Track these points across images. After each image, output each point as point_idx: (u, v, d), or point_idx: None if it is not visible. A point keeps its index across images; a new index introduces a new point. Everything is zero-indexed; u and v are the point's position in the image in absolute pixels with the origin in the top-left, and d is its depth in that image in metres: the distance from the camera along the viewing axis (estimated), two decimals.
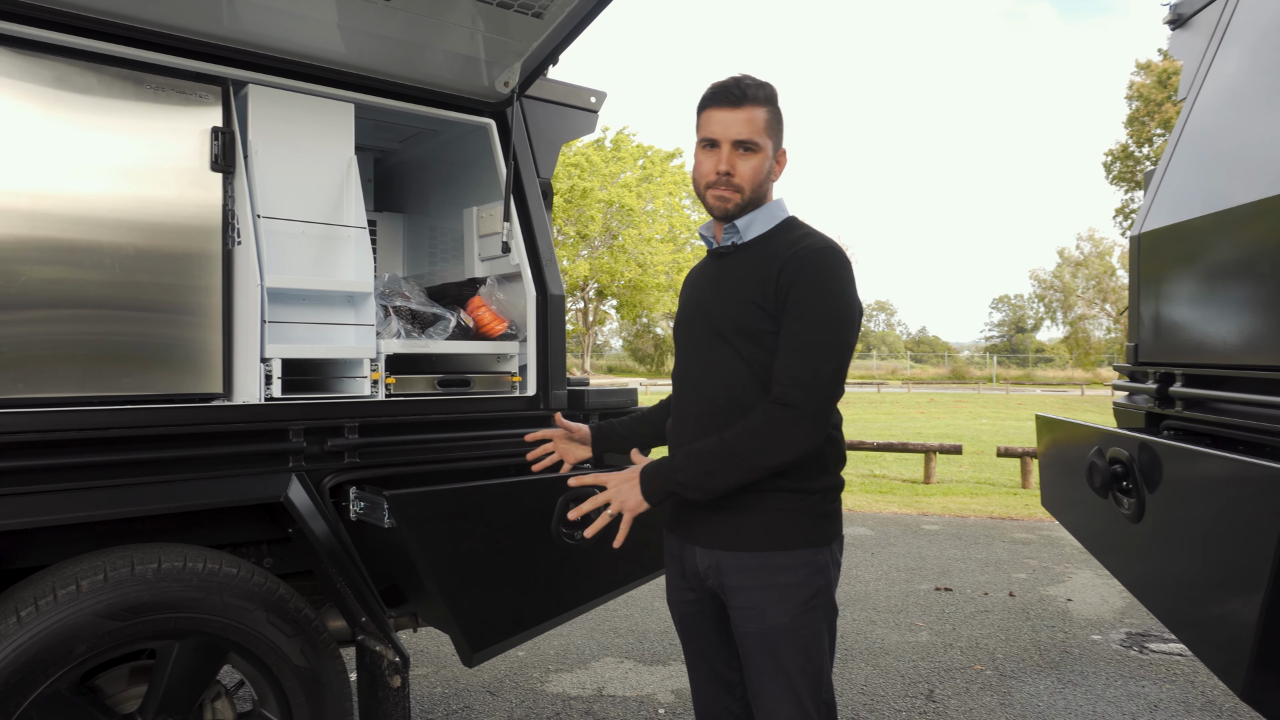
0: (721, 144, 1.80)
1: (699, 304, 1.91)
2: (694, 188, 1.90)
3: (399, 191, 3.85)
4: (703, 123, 1.84)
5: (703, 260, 2.03)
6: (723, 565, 1.81)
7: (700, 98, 1.86)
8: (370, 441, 2.41)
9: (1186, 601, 1.83)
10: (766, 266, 1.77)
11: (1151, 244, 2.41)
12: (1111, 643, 4.37)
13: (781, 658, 1.74)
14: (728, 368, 1.80)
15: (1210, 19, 2.48)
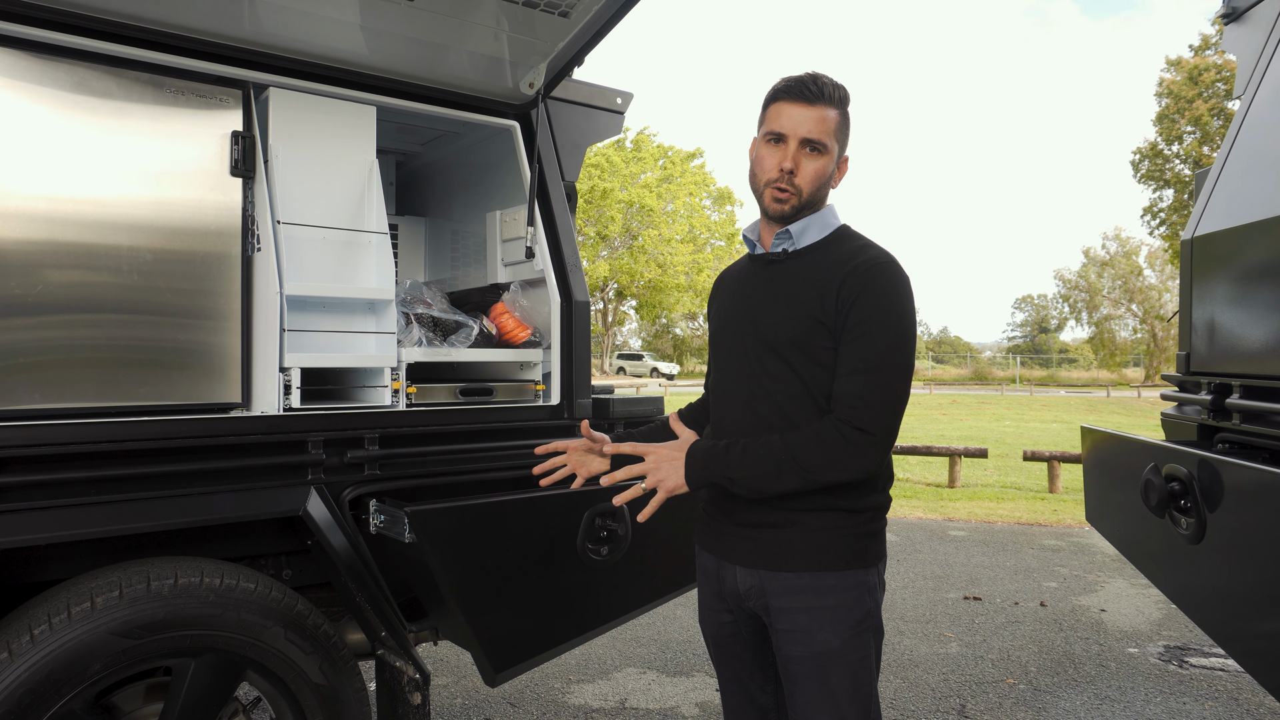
0: (789, 140, 1.71)
1: (745, 313, 1.80)
2: (751, 183, 1.80)
3: (421, 195, 3.80)
4: (770, 116, 1.74)
5: (741, 263, 1.92)
6: (768, 586, 1.72)
7: (770, 90, 1.77)
8: (391, 453, 2.35)
9: (1254, 629, 1.73)
10: (825, 279, 1.70)
11: (1206, 248, 2.30)
12: (1149, 656, 4.24)
13: (830, 682, 1.66)
14: (779, 382, 1.71)
15: (1268, 13, 2.36)
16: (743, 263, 1.93)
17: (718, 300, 1.96)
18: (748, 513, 1.74)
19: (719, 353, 1.88)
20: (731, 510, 1.78)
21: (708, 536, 1.87)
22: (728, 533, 1.79)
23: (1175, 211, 33.27)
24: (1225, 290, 2.22)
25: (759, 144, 1.77)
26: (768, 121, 1.75)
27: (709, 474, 1.66)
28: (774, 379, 1.71)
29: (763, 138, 1.75)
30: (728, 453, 1.65)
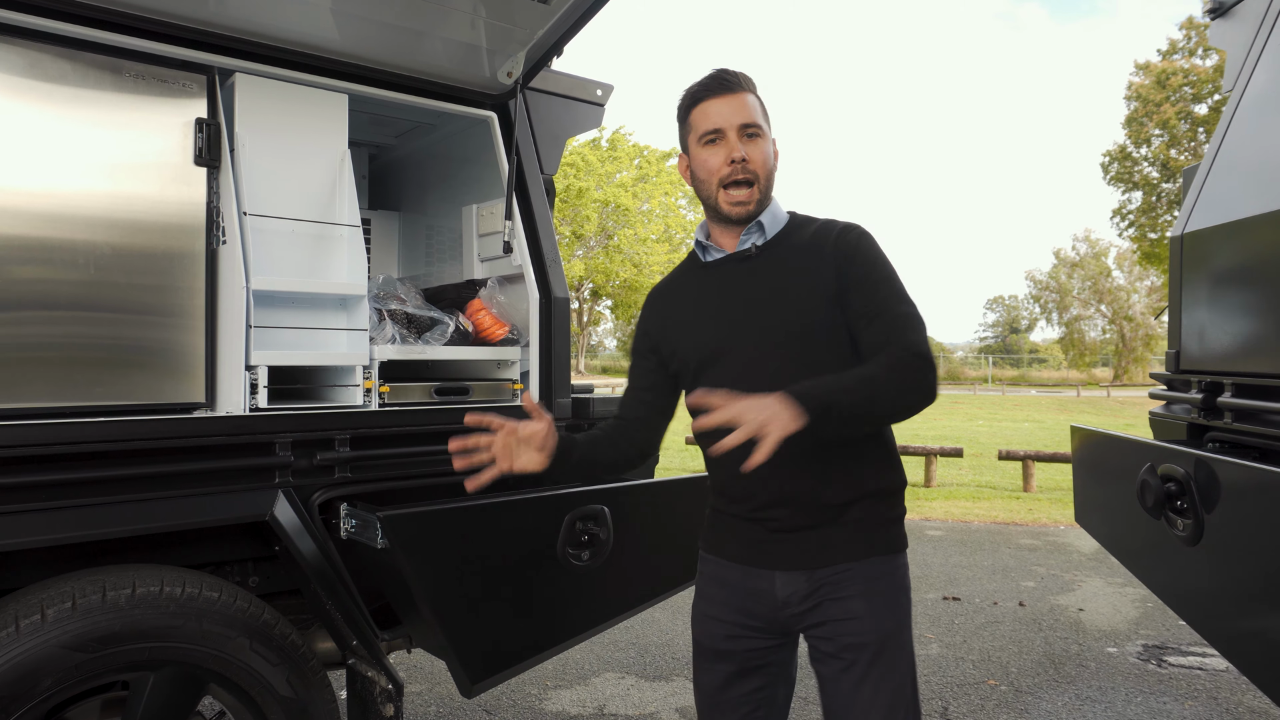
0: (727, 132, 1.67)
1: (738, 315, 1.70)
2: (700, 192, 1.73)
3: (395, 189, 3.70)
4: (698, 119, 1.71)
5: (684, 275, 1.83)
6: (822, 580, 1.67)
7: (684, 98, 1.74)
8: (362, 454, 2.26)
9: (1252, 632, 1.69)
10: (812, 258, 1.69)
11: (1196, 245, 2.27)
12: (1128, 655, 4.24)
13: (892, 663, 1.65)
14: (811, 369, 1.59)
15: (1257, 8, 2.34)
16: (687, 274, 1.83)
17: (674, 315, 1.81)
18: (786, 518, 1.67)
19: (701, 371, 1.74)
20: (767, 519, 1.69)
21: (737, 548, 1.75)
22: (765, 540, 1.70)
23: (1144, 213, 33.76)
24: (1216, 288, 2.19)
25: (695, 152, 1.72)
26: (696, 126, 1.71)
27: (818, 401, 1.46)
28: (804, 367, 1.61)
29: (697, 143, 1.71)
30: (823, 382, 1.52)
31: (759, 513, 1.70)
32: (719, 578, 1.78)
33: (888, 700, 1.64)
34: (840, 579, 1.67)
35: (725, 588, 1.76)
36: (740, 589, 1.74)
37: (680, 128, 1.78)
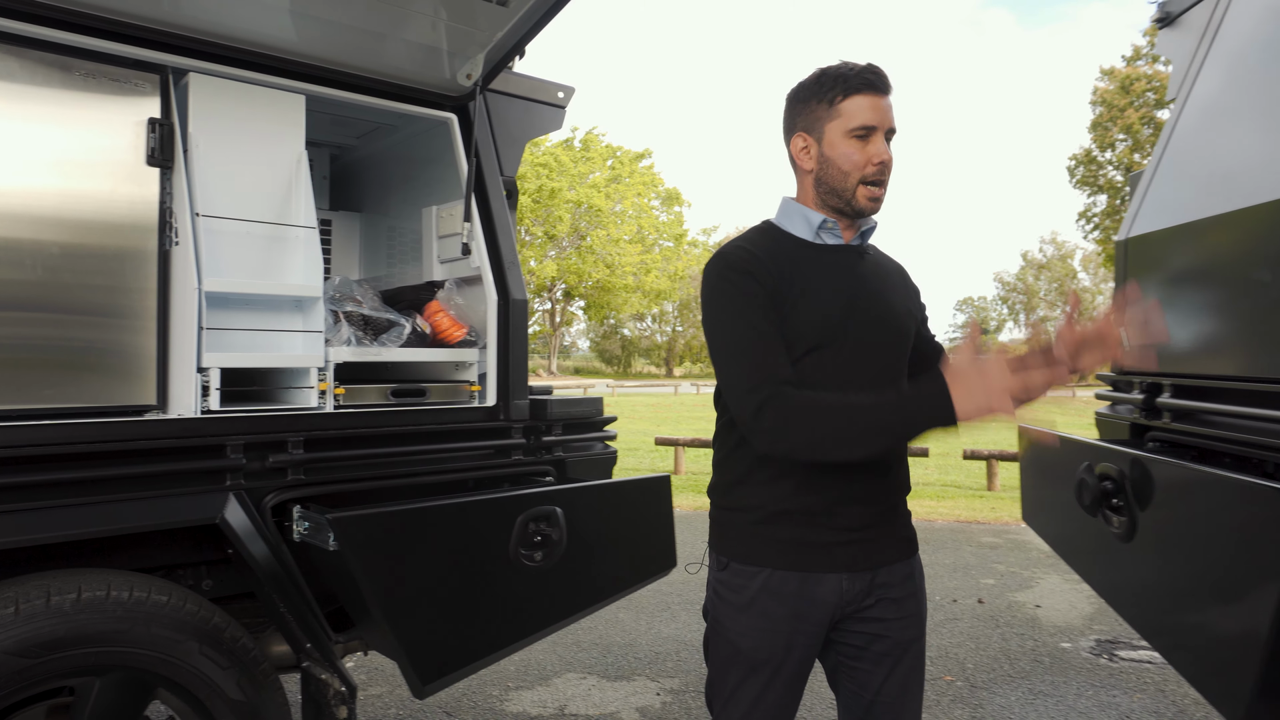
0: (879, 131, 1.65)
1: (869, 303, 1.71)
2: (833, 180, 1.68)
3: (356, 190, 3.68)
4: (852, 110, 1.65)
5: (790, 246, 1.72)
6: (880, 582, 1.69)
7: (835, 83, 1.67)
8: (317, 457, 2.26)
9: (1181, 626, 1.75)
10: (904, 281, 1.88)
11: (1139, 249, 2.33)
12: (1081, 650, 4.32)
13: (923, 657, 1.77)
14: (902, 374, 1.76)
15: (1200, 18, 2.41)
16: (795, 248, 1.72)
17: (795, 282, 1.67)
18: (857, 516, 1.66)
19: (843, 344, 1.67)
20: (837, 516, 1.66)
21: (795, 555, 1.67)
22: (832, 543, 1.66)
23: (1109, 216, 34.36)
24: (1157, 291, 2.25)
25: (838, 140, 1.67)
26: (850, 116, 1.65)
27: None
28: (901, 375, 1.74)
29: (845, 134, 1.66)
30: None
31: (832, 509, 1.65)
32: (770, 589, 1.67)
33: (919, 695, 1.77)
34: (893, 578, 1.71)
35: (777, 597, 1.67)
36: (797, 597, 1.67)
37: (819, 110, 1.69)
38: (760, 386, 1.56)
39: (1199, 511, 1.66)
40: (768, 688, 1.68)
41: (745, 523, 1.71)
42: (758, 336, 1.60)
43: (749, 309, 1.62)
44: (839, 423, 1.50)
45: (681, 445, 11.14)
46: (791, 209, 1.75)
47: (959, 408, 1.43)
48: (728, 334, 1.63)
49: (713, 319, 1.67)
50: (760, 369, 1.58)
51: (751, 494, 1.70)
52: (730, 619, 1.71)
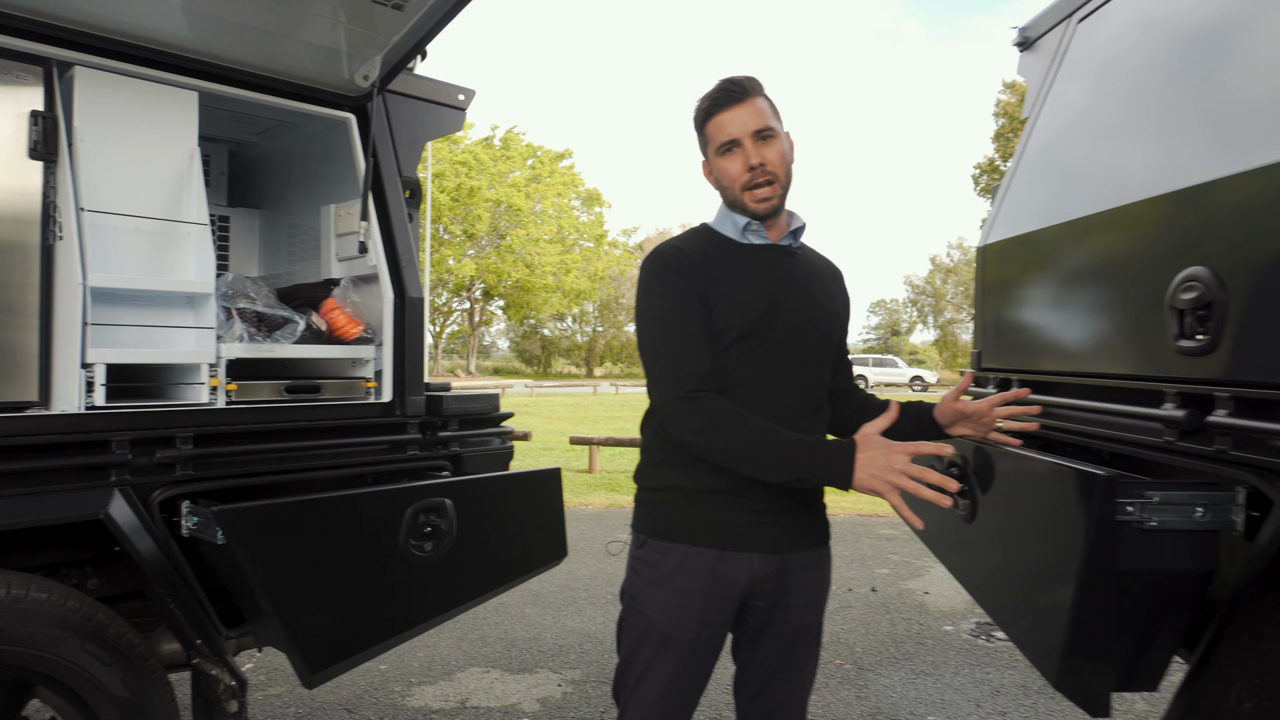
0: (743, 140, 1.77)
1: (796, 302, 1.82)
2: (726, 197, 1.84)
3: (256, 186, 3.66)
4: (714, 131, 1.80)
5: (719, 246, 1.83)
6: (790, 565, 1.81)
7: (698, 111, 1.83)
8: (207, 452, 2.27)
9: (1008, 597, 1.93)
10: (834, 279, 1.99)
11: (993, 255, 2.53)
12: (962, 633, 4.59)
13: (820, 639, 1.91)
14: (825, 374, 1.91)
15: (1052, 43, 2.62)
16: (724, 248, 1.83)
17: (722, 279, 1.78)
18: (772, 500, 1.76)
19: (765, 338, 1.78)
20: (753, 497, 1.75)
21: (712, 533, 1.76)
22: (747, 522, 1.76)
23: None
24: (1007, 294, 2.46)
25: (715, 161, 1.82)
26: (713, 137, 1.81)
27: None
28: (824, 371, 1.89)
29: (716, 154, 1.81)
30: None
31: (748, 489, 1.73)
32: (686, 565, 1.76)
33: (812, 676, 1.92)
34: (806, 563, 1.84)
35: (690, 573, 1.76)
36: (711, 574, 1.75)
37: (698, 138, 1.86)
38: (683, 379, 1.69)
39: (1021, 492, 1.85)
40: (680, 663, 1.77)
41: (665, 501, 1.81)
42: (685, 332, 1.72)
43: (679, 306, 1.74)
44: (755, 444, 1.64)
45: (596, 444, 11.24)
46: (722, 213, 1.89)
47: (857, 478, 1.59)
48: (657, 327, 1.75)
49: (644, 313, 1.79)
50: (685, 362, 1.70)
51: (673, 474, 1.80)
52: (646, 594, 1.81)
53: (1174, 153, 1.82)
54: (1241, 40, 1.73)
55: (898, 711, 3.57)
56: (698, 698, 1.83)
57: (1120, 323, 1.90)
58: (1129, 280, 1.86)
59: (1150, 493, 1.57)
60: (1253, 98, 1.63)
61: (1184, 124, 1.83)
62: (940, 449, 1.60)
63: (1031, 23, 2.84)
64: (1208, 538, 1.59)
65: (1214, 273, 1.57)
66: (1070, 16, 2.59)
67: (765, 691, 1.87)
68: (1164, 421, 1.68)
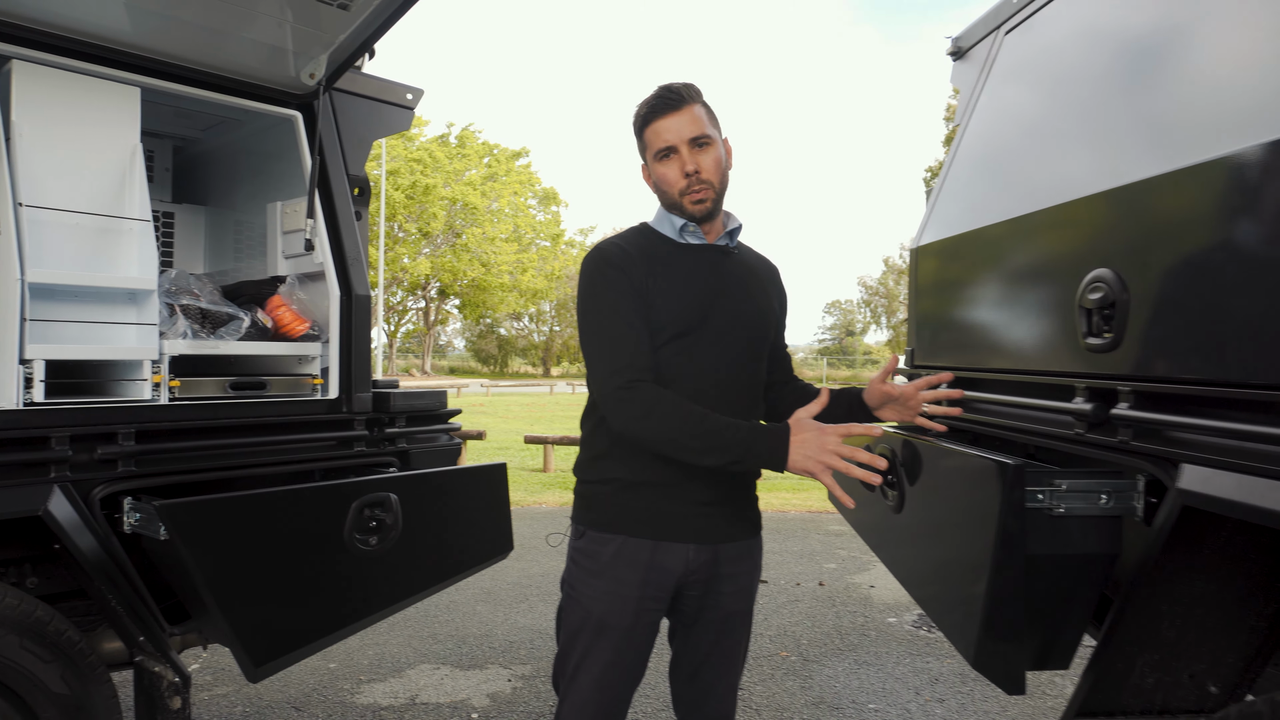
0: (679, 147, 1.83)
1: (729, 300, 1.88)
2: (664, 201, 1.90)
3: (202, 183, 3.63)
4: (651, 137, 1.86)
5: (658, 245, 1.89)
6: (722, 555, 1.88)
7: (637, 118, 1.89)
8: (150, 448, 2.26)
9: (932, 582, 2.02)
10: (770, 277, 2.06)
11: (925, 256, 2.63)
12: (904, 624, 4.72)
13: (750, 626, 1.99)
14: (762, 369, 1.98)
15: (982, 54, 2.73)
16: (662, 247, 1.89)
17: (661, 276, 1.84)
18: (707, 492, 1.83)
19: (703, 335, 1.84)
20: (689, 490, 1.82)
21: (649, 524, 1.82)
22: (683, 514, 1.82)
23: None
24: (937, 295, 2.55)
25: (653, 166, 1.89)
26: (651, 143, 1.87)
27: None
28: (760, 366, 1.96)
29: (654, 160, 1.88)
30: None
31: (685, 481, 1.80)
32: (624, 556, 1.82)
33: (743, 658, 2.00)
34: (737, 553, 1.91)
35: (627, 564, 1.81)
36: (648, 564, 1.81)
37: (637, 143, 1.93)
38: (622, 370, 1.74)
39: (942, 482, 1.94)
40: (617, 650, 1.83)
41: (605, 493, 1.86)
42: (625, 326, 1.78)
43: (619, 301, 1.80)
44: (693, 431, 1.69)
45: (551, 443, 11.26)
46: (661, 214, 1.95)
47: (791, 459, 1.66)
48: (598, 322, 1.81)
49: (585, 308, 1.85)
50: (624, 355, 1.76)
51: (612, 467, 1.85)
52: (584, 584, 1.86)
53: (1083, 161, 1.92)
54: (1144, 60, 1.84)
55: (840, 700, 3.67)
56: (635, 684, 1.89)
57: (1037, 322, 2.00)
58: (1045, 281, 1.96)
59: (1058, 481, 1.67)
60: (1149, 113, 1.73)
61: (1092, 134, 1.93)
62: (870, 429, 1.69)
63: (964, 33, 2.95)
64: (1111, 523, 1.69)
65: (1117, 275, 1.67)
66: (999, 28, 2.70)
67: (699, 674, 1.94)
68: (1074, 415, 1.78)
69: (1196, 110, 1.61)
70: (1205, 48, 1.67)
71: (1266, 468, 1.34)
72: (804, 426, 1.68)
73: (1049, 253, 1.96)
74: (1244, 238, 1.42)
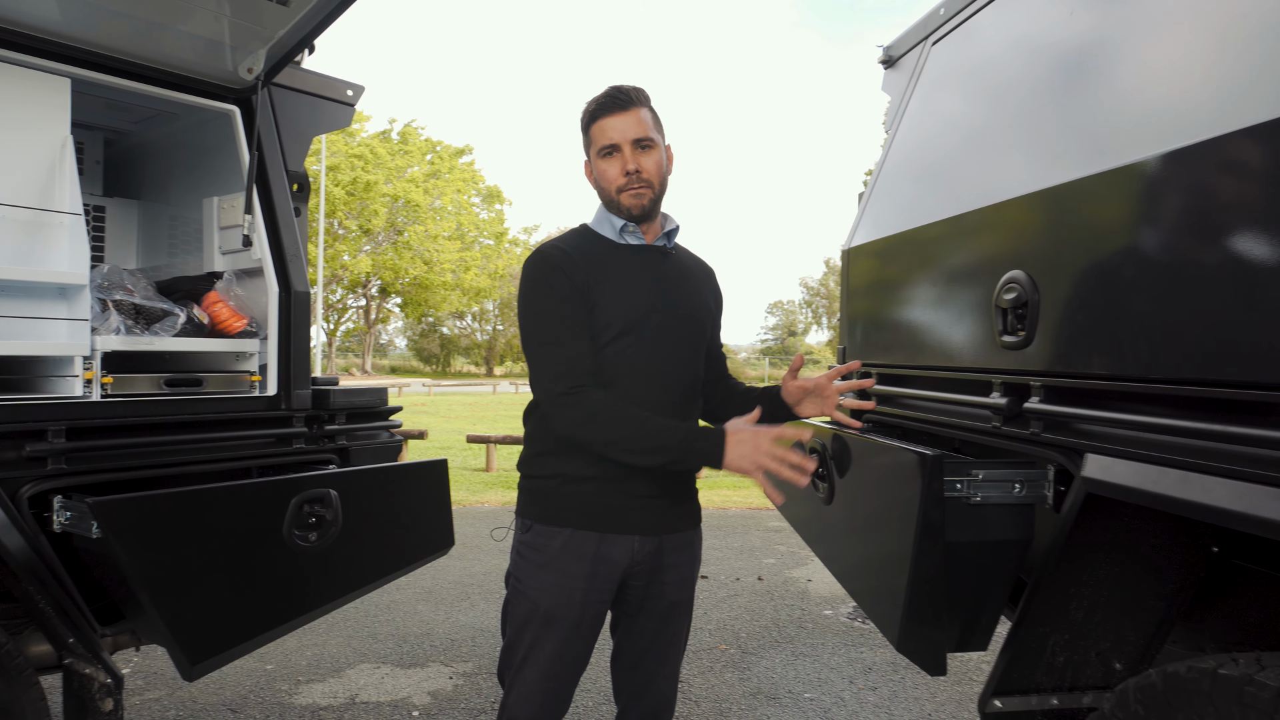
0: (622, 146, 1.90)
1: (668, 298, 1.96)
2: (603, 197, 1.96)
3: (134, 176, 3.56)
4: (596, 134, 1.92)
5: (598, 246, 1.94)
6: (666, 546, 1.95)
7: (585, 114, 1.95)
8: (82, 446, 2.23)
9: (860, 570, 2.11)
10: (706, 278, 2.12)
11: (855, 258, 2.73)
12: (840, 617, 4.85)
13: (690, 613, 2.06)
14: (700, 362, 2.05)
15: (910, 63, 2.84)
16: (601, 248, 1.94)
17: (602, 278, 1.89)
18: (649, 486, 1.89)
19: (637, 340, 1.89)
20: (632, 484, 1.88)
21: (594, 517, 1.88)
22: (627, 507, 1.89)
23: None
24: (867, 294, 2.65)
25: (596, 162, 1.94)
26: (596, 140, 1.93)
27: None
28: (698, 364, 2.02)
29: (597, 155, 1.93)
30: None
31: (629, 476, 1.86)
32: (570, 549, 1.87)
33: (684, 646, 2.07)
34: (679, 544, 1.98)
35: (575, 556, 1.87)
36: (594, 556, 1.87)
37: (583, 138, 1.98)
38: (565, 374, 1.80)
39: (868, 474, 2.03)
40: (564, 641, 1.89)
41: (550, 488, 1.91)
42: (567, 329, 1.82)
43: (560, 303, 1.84)
44: (634, 434, 1.76)
45: (494, 442, 11.21)
46: (601, 215, 2.00)
47: (727, 459, 1.75)
48: (540, 323, 1.85)
49: (527, 310, 1.89)
50: (566, 360, 1.81)
51: (557, 463, 1.90)
52: (531, 577, 1.91)
53: (1001, 167, 2.03)
54: (1056, 75, 1.95)
55: (777, 690, 3.76)
56: (579, 674, 1.94)
57: (959, 320, 2.09)
58: (966, 282, 2.06)
59: (974, 471, 1.76)
60: (1056, 124, 1.84)
61: (1010, 142, 2.04)
62: (801, 434, 1.77)
63: (894, 42, 3.06)
64: (1024, 510, 1.80)
65: (1029, 276, 1.77)
66: (926, 39, 2.81)
67: (642, 662, 1.99)
68: (990, 409, 1.88)
69: (1101, 122, 1.71)
70: (1110, 66, 1.78)
71: (1162, 456, 1.44)
72: (739, 428, 1.77)
73: (970, 255, 2.06)
74: (1144, 242, 1.52)
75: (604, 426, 1.77)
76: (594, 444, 1.79)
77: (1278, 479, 1.23)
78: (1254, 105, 1.31)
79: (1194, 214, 1.40)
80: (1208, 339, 1.36)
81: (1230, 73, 1.40)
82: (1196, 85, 1.49)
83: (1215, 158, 1.36)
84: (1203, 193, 1.39)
